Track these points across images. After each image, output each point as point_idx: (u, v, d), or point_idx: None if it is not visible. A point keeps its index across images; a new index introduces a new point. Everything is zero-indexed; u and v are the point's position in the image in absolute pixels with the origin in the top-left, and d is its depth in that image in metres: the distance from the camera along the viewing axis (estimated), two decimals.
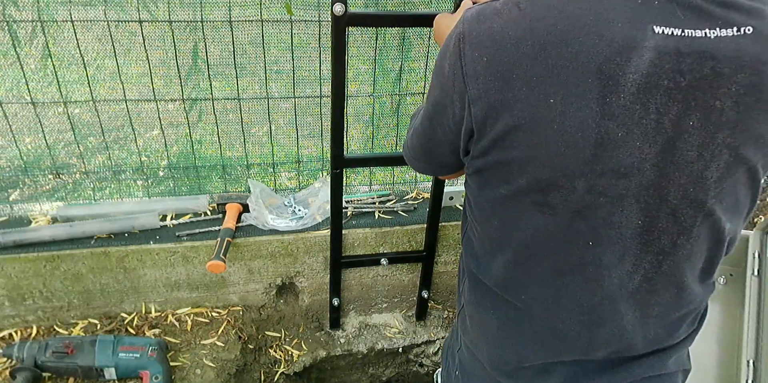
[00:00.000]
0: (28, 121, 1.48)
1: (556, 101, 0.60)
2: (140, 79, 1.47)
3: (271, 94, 1.57)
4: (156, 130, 1.58)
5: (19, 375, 1.39)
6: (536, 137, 0.63)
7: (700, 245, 0.72)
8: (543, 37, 0.60)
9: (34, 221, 1.61)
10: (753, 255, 1.46)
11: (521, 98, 0.62)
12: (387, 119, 1.72)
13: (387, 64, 1.60)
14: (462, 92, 0.66)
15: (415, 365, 1.95)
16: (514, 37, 0.61)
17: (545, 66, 0.60)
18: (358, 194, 1.82)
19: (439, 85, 0.70)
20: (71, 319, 1.62)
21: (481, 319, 0.88)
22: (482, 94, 0.64)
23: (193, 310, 1.68)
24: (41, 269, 1.51)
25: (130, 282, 1.59)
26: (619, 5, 0.59)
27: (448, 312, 1.91)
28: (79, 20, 1.35)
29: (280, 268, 1.69)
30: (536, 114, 0.62)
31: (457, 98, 0.67)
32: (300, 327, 1.81)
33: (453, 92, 0.67)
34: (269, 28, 1.46)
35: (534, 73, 0.60)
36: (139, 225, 1.59)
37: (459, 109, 0.68)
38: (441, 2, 1.51)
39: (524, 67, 0.61)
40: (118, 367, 1.43)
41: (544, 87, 0.60)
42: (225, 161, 1.70)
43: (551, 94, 0.60)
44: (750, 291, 1.41)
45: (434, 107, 0.74)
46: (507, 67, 0.62)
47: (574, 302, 0.76)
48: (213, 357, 1.57)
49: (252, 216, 1.63)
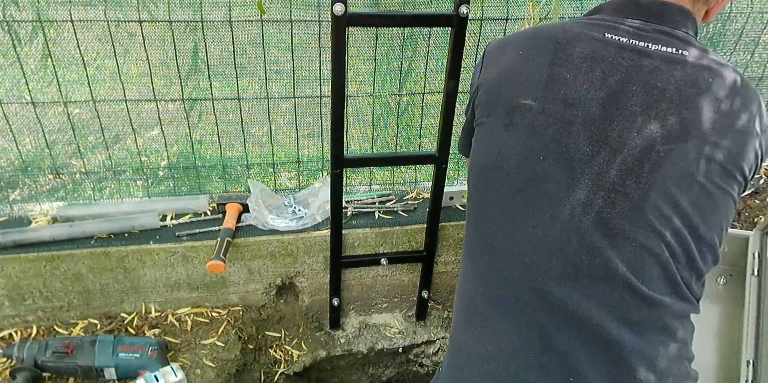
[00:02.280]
0: (28, 121, 1.48)
1: (523, 56, 0.89)
2: (140, 79, 1.47)
3: (271, 94, 1.57)
4: (156, 130, 1.58)
5: (19, 375, 1.39)
6: (506, 79, 0.89)
7: (655, 192, 0.79)
8: (526, 37, 0.92)
9: (34, 221, 1.61)
10: (753, 255, 1.46)
11: (504, 63, 0.91)
12: (387, 119, 1.72)
13: (387, 64, 1.60)
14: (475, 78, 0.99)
15: (415, 365, 1.95)
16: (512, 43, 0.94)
17: (525, 45, 0.90)
18: (358, 194, 1.82)
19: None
20: (71, 319, 1.62)
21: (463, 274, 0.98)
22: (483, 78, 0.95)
23: (193, 310, 1.68)
24: (41, 269, 1.51)
25: (130, 282, 1.59)
26: (587, 26, 0.88)
27: (448, 312, 1.91)
28: (79, 20, 1.35)
29: (280, 268, 1.69)
30: (509, 66, 0.90)
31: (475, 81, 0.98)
32: (300, 327, 1.81)
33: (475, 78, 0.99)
34: (269, 28, 1.46)
35: (516, 49, 0.91)
36: (139, 225, 1.59)
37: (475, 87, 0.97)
38: (441, 2, 1.51)
39: (513, 46, 0.92)
40: (118, 367, 1.43)
41: (516, 51, 0.90)
42: (225, 161, 1.70)
43: (520, 55, 0.89)
44: (750, 291, 1.41)
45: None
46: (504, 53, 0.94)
47: (529, 229, 0.85)
48: (213, 357, 1.57)
49: (252, 216, 1.63)
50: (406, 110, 1.70)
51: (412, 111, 1.71)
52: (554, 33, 0.88)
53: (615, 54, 0.83)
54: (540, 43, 0.88)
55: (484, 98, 0.92)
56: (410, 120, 1.73)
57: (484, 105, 0.93)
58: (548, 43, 0.87)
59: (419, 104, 1.69)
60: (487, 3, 1.53)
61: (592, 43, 0.85)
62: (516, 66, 0.88)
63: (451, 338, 0.99)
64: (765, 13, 1.80)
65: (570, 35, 0.86)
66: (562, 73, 0.84)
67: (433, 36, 1.56)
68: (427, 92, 1.66)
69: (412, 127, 1.74)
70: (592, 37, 0.85)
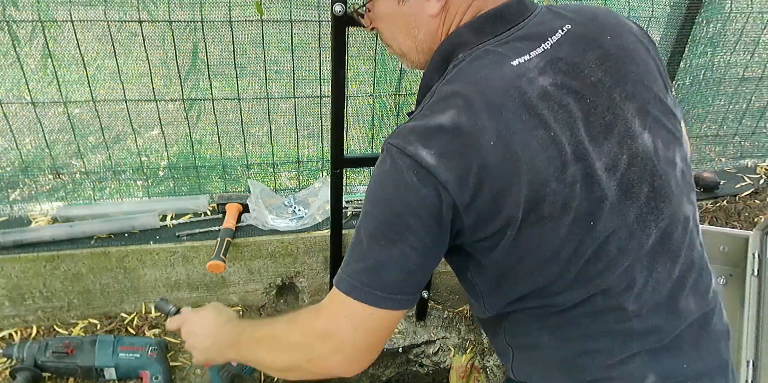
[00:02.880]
0: (28, 121, 1.48)
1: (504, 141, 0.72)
2: (140, 79, 1.47)
3: (271, 94, 1.57)
4: (156, 130, 1.58)
5: (19, 375, 1.38)
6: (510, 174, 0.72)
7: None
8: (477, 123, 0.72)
9: (34, 221, 1.60)
10: (753, 255, 1.46)
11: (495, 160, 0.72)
12: (387, 119, 1.72)
13: (387, 64, 1.61)
14: (432, 186, 0.71)
15: (415, 365, 1.95)
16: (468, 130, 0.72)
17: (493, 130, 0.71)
18: (358, 194, 1.82)
19: (400, 198, 0.73)
20: (71, 319, 1.62)
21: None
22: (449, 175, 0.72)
23: None
24: (41, 269, 1.51)
25: (130, 282, 1.59)
26: (484, 63, 0.76)
27: (448, 312, 1.91)
28: (79, 20, 1.35)
29: (280, 268, 1.69)
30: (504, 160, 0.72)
31: (427, 194, 0.72)
32: None
33: (421, 192, 0.72)
34: (269, 28, 1.46)
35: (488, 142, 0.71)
36: (139, 225, 1.59)
37: (432, 203, 0.72)
38: None
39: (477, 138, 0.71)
40: (118, 367, 1.43)
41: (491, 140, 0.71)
42: (225, 161, 1.70)
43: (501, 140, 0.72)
44: (750, 291, 1.41)
45: (393, 217, 0.75)
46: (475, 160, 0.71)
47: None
48: None
49: (252, 216, 1.63)
50: (406, 109, 1.70)
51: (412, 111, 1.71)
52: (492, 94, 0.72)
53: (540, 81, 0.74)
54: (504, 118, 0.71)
55: (488, 211, 0.73)
56: None
57: (490, 218, 0.74)
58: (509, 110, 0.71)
59: None
60: None
61: (526, 80, 0.73)
62: (511, 155, 0.70)
63: None
64: (765, 13, 1.80)
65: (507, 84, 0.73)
66: (548, 131, 0.72)
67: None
68: None
69: None
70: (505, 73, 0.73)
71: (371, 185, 0.76)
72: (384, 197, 0.74)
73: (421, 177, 0.70)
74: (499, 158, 0.70)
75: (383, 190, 0.74)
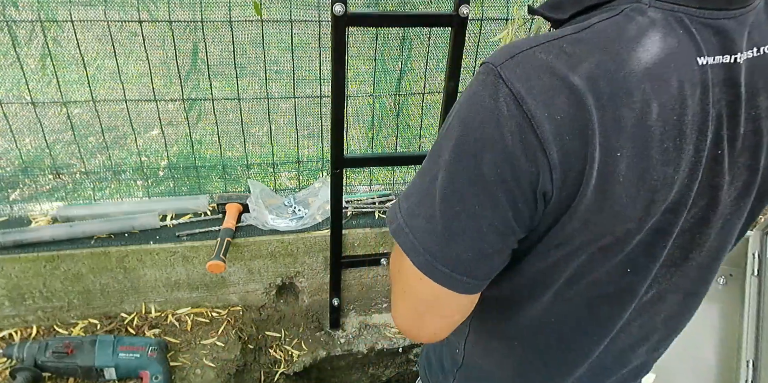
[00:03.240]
0: (28, 121, 1.48)
1: (623, 154, 0.55)
2: (140, 79, 1.47)
3: (271, 94, 1.57)
4: (156, 130, 1.58)
5: (19, 375, 1.39)
6: (604, 194, 0.57)
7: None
8: (607, 86, 0.54)
9: (34, 221, 1.60)
10: (753, 255, 1.46)
11: (596, 156, 0.55)
12: (387, 119, 1.72)
13: (387, 64, 1.61)
14: (537, 160, 0.55)
15: (415, 365, 1.95)
16: (579, 88, 0.54)
17: (613, 118, 0.54)
18: (358, 194, 1.82)
19: (490, 159, 0.57)
20: (71, 319, 1.62)
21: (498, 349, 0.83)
22: (563, 158, 0.55)
23: (193, 310, 1.68)
24: (41, 269, 1.51)
25: (130, 282, 1.59)
26: (670, 39, 0.55)
27: None
28: (79, 20, 1.35)
29: (280, 268, 1.69)
30: (605, 170, 0.56)
31: (528, 168, 0.56)
32: (300, 327, 1.81)
33: (521, 163, 0.56)
34: (269, 28, 1.46)
35: (604, 127, 0.54)
36: (139, 225, 1.59)
37: (530, 181, 0.57)
38: (441, 2, 1.51)
39: (595, 121, 0.54)
40: (118, 367, 1.43)
41: (612, 141, 0.55)
42: (225, 161, 1.70)
43: (618, 148, 0.55)
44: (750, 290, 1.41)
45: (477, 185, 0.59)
46: (581, 122, 0.54)
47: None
48: (213, 357, 1.57)
49: (252, 216, 1.63)
50: (406, 109, 1.70)
51: (412, 111, 1.71)
52: (642, 64, 0.54)
53: (708, 102, 0.57)
54: (637, 104, 0.54)
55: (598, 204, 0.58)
56: (410, 120, 1.74)
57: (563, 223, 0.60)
58: (649, 109, 0.55)
59: (419, 104, 1.69)
60: (487, 3, 1.53)
61: (694, 92, 0.56)
62: (614, 169, 0.56)
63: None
64: None
65: (669, 78, 0.55)
66: (670, 174, 0.58)
67: (432, 36, 1.56)
68: (426, 92, 1.66)
69: (412, 127, 1.74)
70: (689, 76, 0.55)
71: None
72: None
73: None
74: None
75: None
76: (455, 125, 0.59)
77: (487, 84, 0.56)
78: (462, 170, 0.58)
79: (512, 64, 0.55)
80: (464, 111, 0.58)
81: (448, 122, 0.60)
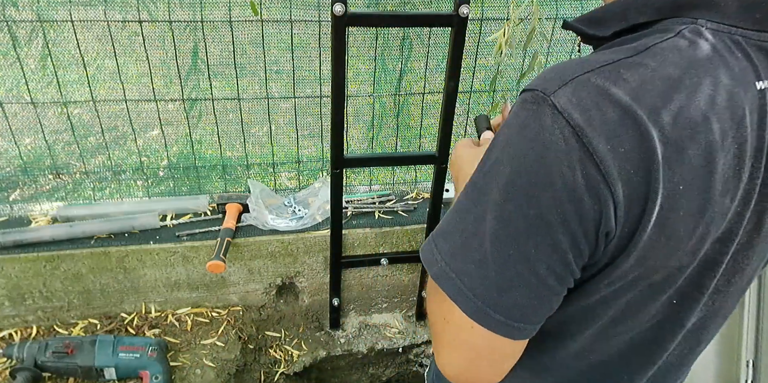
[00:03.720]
0: (28, 121, 1.48)
1: (685, 188, 0.53)
2: (140, 79, 1.47)
3: (271, 94, 1.57)
4: (156, 130, 1.58)
5: (19, 375, 1.39)
6: (663, 229, 0.54)
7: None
8: (671, 118, 0.51)
9: (34, 221, 1.60)
10: None
11: (659, 190, 0.52)
12: (387, 119, 1.72)
13: (387, 64, 1.61)
14: (600, 197, 0.52)
15: (415, 365, 1.95)
16: (643, 119, 0.50)
17: (676, 149, 0.51)
18: (358, 194, 1.82)
19: (549, 198, 0.53)
20: (71, 319, 1.62)
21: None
22: (628, 194, 0.52)
23: (193, 310, 1.68)
24: (41, 269, 1.51)
25: (130, 282, 1.59)
26: (729, 63, 0.52)
27: None
28: (79, 20, 1.35)
29: (280, 268, 1.69)
30: (666, 204, 0.53)
31: (591, 206, 0.52)
32: (300, 327, 1.81)
33: (584, 201, 0.52)
34: (269, 28, 1.46)
35: (668, 159, 0.51)
36: (139, 225, 1.59)
37: (594, 220, 0.53)
38: (441, 2, 1.51)
39: (659, 154, 0.50)
40: (118, 367, 1.43)
41: (674, 174, 0.52)
42: (225, 161, 1.70)
43: (680, 181, 0.52)
44: (750, 291, 1.41)
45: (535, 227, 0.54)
46: (646, 156, 0.51)
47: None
48: (213, 357, 1.57)
49: (252, 216, 1.63)
50: (406, 110, 1.70)
51: (412, 111, 1.71)
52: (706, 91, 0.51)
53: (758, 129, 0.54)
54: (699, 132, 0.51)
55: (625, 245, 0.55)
56: (410, 120, 1.74)
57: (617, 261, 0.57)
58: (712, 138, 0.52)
59: (419, 104, 1.69)
60: (487, 3, 1.53)
61: (751, 118, 0.53)
62: (676, 202, 0.53)
63: None
64: None
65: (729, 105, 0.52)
66: (727, 204, 0.56)
67: (432, 36, 1.56)
68: (426, 92, 1.66)
69: (412, 127, 1.75)
70: (748, 100, 0.53)
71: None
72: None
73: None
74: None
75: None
76: (504, 160, 0.54)
77: (539, 115, 0.52)
78: (516, 212, 0.54)
79: (567, 92, 0.51)
80: (514, 145, 0.54)
81: (493, 157, 0.56)
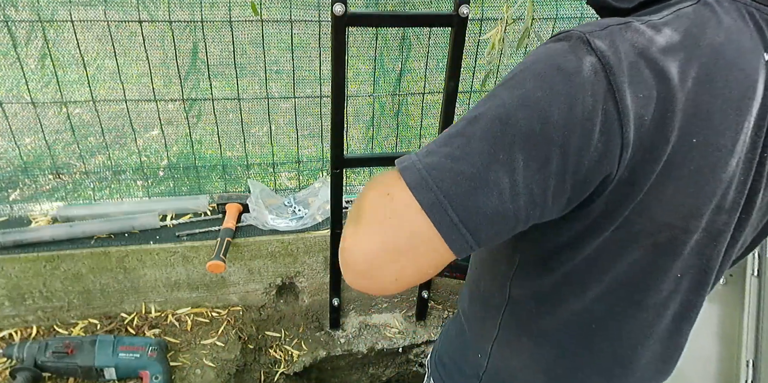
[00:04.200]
0: (28, 121, 1.48)
1: (698, 141, 0.54)
2: (140, 79, 1.47)
3: (271, 94, 1.57)
4: (156, 130, 1.58)
5: (19, 375, 1.39)
6: (670, 180, 0.56)
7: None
8: (692, 71, 0.53)
9: (34, 221, 1.60)
10: (753, 255, 1.46)
11: (671, 140, 0.53)
12: (387, 119, 1.73)
13: (387, 64, 1.61)
14: (610, 134, 0.52)
15: (415, 365, 1.95)
16: (666, 70, 0.52)
17: (694, 103, 0.53)
18: (357, 194, 1.82)
19: (561, 117, 0.52)
20: (71, 319, 1.62)
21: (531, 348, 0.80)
22: (638, 138, 0.53)
23: (193, 310, 1.68)
24: (41, 269, 1.51)
25: (130, 282, 1.59)
26: (744, 31, 0.55)
27: (448, 312, 1.91)
28: (79, 20, 1.35)
29: (280, 268, 1.69)
30: (676, 155, 0.54)
31: (596, 142, 0.52)
32: (300, 327, 1.81)
33: (593, 133, 0.52)
34: (269, 28, 1.46)
35: (685, 111, 0.53)
36: (139, 225, 1.59)
37: (591, 159, 0.53)
38: (441, 2, 1.51)
39: (677, 104, 0.52)
40: (118, 367, 1.43)
41: (689, 127, 0.54)
42: (225, 161, 1.70)
43: (694, 133, 0.54)
44: (750, 291, 1.41)
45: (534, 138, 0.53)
46: (664, 104, 0.52)
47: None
48: (213, 357, 1.57)
49: (252, 216, 1.63)
50: (406, 109, 1.70)
51: (412, 111, 1.71)
52: (727, 52, 0.54)
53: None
54: (719, 91, 0.54)
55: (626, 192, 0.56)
56: (410, 120, 1.74)
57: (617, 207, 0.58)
58: (730, 97, 0.54)
59: (419, 104, 1.69)
60: (487, 3, 1.53)
61: (762, 87, 0.55)
62: (685, 155, 0.55)
63: None
64: None
65: (747, 69, 0.55)
66: (735, 169, 0.58)
67: (433, 36, 1.56)
68: (426, 92, 1.66)
69: (412, 127, 1.75)
70: (759, 70, 0.55)
71: None
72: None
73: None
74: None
75: None
76: (528, 77, 0.53)
77: (575, 48, 0.53)
78: (524, 119, 0.52)
79: (603, 35, 0.53)
80: (542, 66, 0.53)
81: (512, 76, 0.55)
